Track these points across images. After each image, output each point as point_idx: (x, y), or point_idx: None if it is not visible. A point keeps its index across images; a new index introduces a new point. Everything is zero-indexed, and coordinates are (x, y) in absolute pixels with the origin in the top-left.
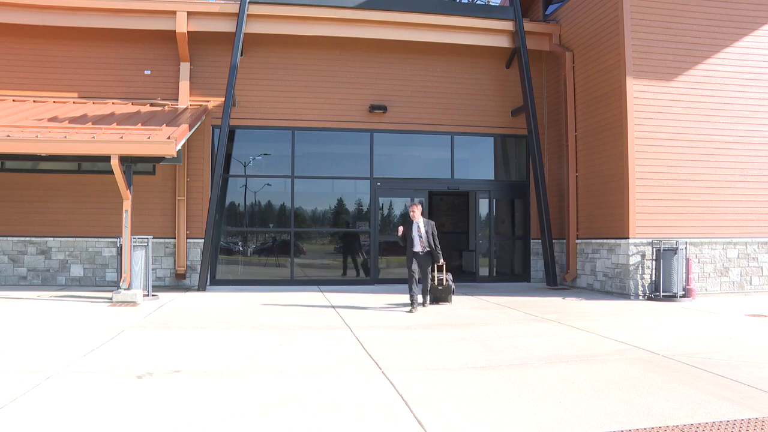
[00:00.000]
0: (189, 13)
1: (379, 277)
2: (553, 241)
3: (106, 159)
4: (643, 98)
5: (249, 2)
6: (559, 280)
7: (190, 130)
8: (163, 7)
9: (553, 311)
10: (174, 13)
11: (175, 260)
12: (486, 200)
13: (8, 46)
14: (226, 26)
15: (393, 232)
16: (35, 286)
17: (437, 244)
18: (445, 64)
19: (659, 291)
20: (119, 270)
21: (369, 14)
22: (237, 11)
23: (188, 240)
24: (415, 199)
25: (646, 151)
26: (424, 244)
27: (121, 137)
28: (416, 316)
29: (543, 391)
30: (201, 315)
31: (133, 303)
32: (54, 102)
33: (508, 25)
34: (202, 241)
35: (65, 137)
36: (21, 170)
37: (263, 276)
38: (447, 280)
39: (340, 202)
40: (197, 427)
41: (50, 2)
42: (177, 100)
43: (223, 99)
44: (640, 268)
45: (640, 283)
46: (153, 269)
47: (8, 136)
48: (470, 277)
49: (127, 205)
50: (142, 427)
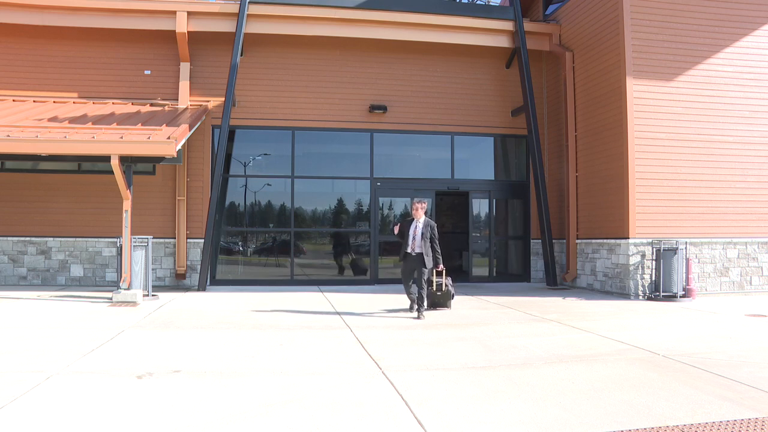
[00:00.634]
0: (189, 13)
1: (378, 277)
2: (553, 241)
3: (106, 159)
4: (643, 98)
5: (249, 2)
6: (559, 280)
7: (190, 130)
8: (163, 7)
9: (553, 311)
10: (174, 13)
11: (175, 260)
12: (480, 200)
13: (8, 46)
14: (226, 26)
15: (392, 230)
16: (35, 286)
17: (437, 248)
18: (445, 64)
19: (659, 291)
20: (119, 270)
21: (369, 14)
22: (237, 11)
23: (188, 240)
24: (420, 198)
25: (646, 151)
26: (415, 246)
27: (121, 137)
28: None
29: (543, 391)
30: (201, 315)
31: (133, 303)
32: (54, 102)
33: (508, 25)
34: (202, 241)
35: (65, 137)
36: (21, 170)
37: (263, 276)
38: (446, 285)
39: (340, 202)
40: (197, 427)
41: (50, 2)
42: (177, 100)
43: (223, 99)
44: (640, 268)
45: (640, 283)
46: (153, 269)
47: (8, 136)
48: (465, 277)
49: (127, 205)
50: (142, 427)
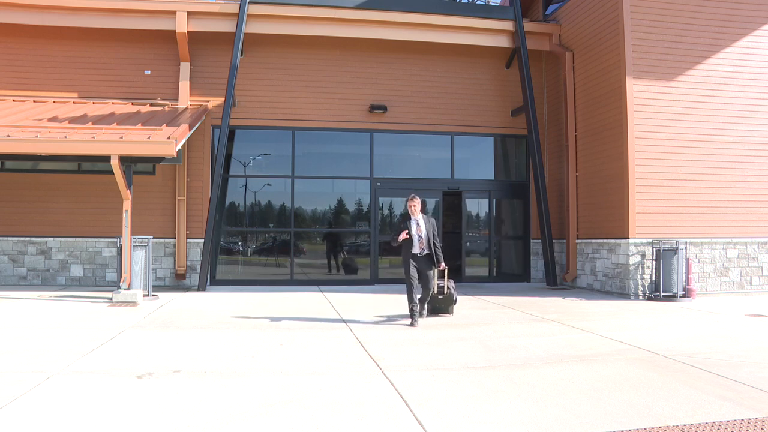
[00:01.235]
0: (189, 13)
1: (379, 277)
2: (553, 241)
3: (106, 159)
4: (643, 98)
5: (249, 2)
6: (559, 280)
7: (190, 130)
8: (163, 7)
9: (553, 311)
10: (174, 13)
11: (175, 260)
12: (476, 200)
13: (8, 46)
14: (226, 26)
15: (394, 235)
16: (35, 286)
17: (438, 245)
18: (445, 64)
19: (659, 291)
20: (119, 270)
21: (369, 14)
22: (237, 11)
23: (188, 240)
24: (413, 194)
25: (646, 151)
26: (423, 245)
27: (121, 137)
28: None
29: (543, 391)
30: (201, 315)
31: (133, 303)
32: (54, 102)
33: (508, 25)
34: (202, 241)
35: (65, 137)
36: (21, 170)
37: (263, 276)
38: (448, 287)
39: (340, 202)
40: (197, 427)
41: (50, 2)
42: (177, 100)
43: (223, 99)
44: (640, 268)
45: (640, 283)
46: (153, 269)
47: (8, 136)
48: (459, 277)
49: (127, 205)
50: (142, 427)
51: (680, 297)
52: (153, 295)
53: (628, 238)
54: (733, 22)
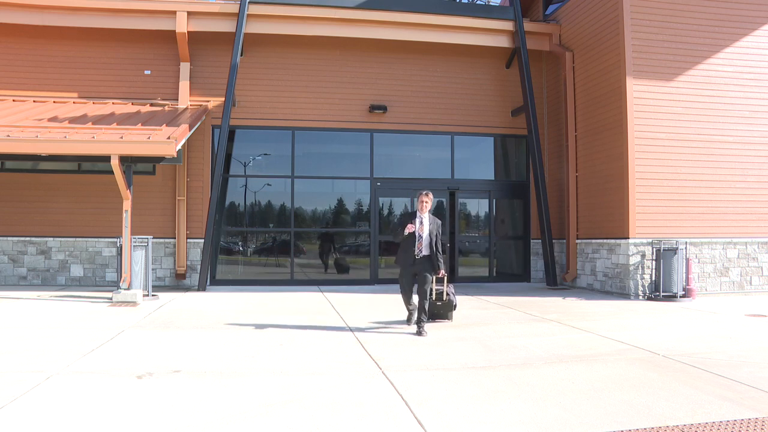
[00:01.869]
0: (189, 13)
1: (379, 277)
2: (553, 241)
3: (106, 159)
4: (643, 98)
5: (249, 2)
6: (559, 280)
7: (190, 130)
8: (163, 7)
9: (553, 311)
10: (174, 13)
11: (175, 260)
12: (471, 200)
13: (8, 46)
14: (226, 26)
15: (399, 228)
16: (35, 286)
17: (440, 249)
18: (445, 64)
19: (659, 291)
20: (119, 270)
21: (369, 14)
22: (237, 11)
23: (188, 240)
24: (427, 190)
25: (646, 151)
26: (423, 246)
27: (121, 137)
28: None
29: (543, 391)
30: (201, 315)
31: (133, 303)
32: (54, 102)
33: (508, 25)
34: (202, 241)
35: (65, 137)
36: (21, 170)
37: (263, 276)
38: (448, 293)
39: (340, 202)
40: (197, 427)
41: (50, 2)
42: (177, 100)
43: (223, 99)
44: (640, 268)
45: (640, 283)
46: (153, 269)
47: (8, 136)
48: (452, 276)
49: (127, 205)
50: (142, 427)
51: (680, 297)
52: (153, 295)
53: (628, 238)
54: (733, 22)
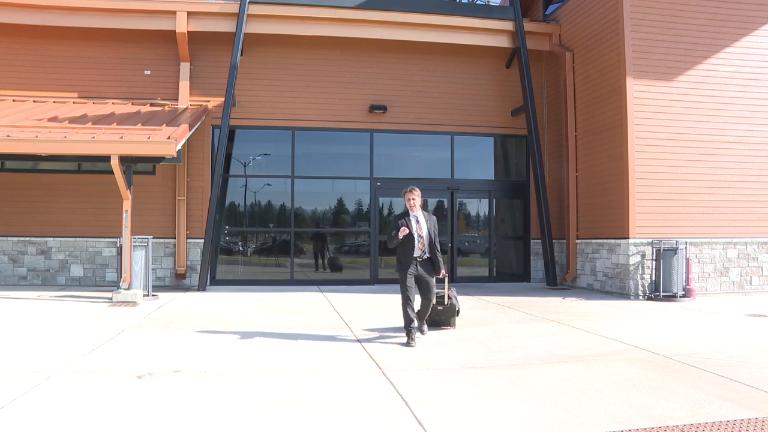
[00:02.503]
0: (189, 13)
1: (379, 277)
2: (553, 241)
3: (106, 159)
4: (643, 98)
5: (249, 2)
6: (559, 280)
7: (190, 130)
8: (163, 7)
9: (553, 311)
10: (174, 13)
11: (175, 260)
12: (473, 200)
13: (8, 46)
14: (226, 26)
15: (393, 232)
16: (35, 286)
17: (439, 248)
18: (445, 64)
19: (659, 291)
20: (119, 270)
21: (369, 14)
22: (237, 11)
23: (188, 240)
24: (412, 186)
25: (646, 151)
26: (424, 247)
27: (121, 137)
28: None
29: (543, 391)
30: (201, 315)
31: (133, 303)
32: (54, 102)
33: (508, 25)
34: (202, 241)
35: (65, 137)
36: (21, 170)
37: (263, 276)
38: (449, 297)
39: (340, 202)
40: (197, 427)
41: (50, 2)
42: (177, 100)
43: (223, 99)
44: (640, 268)
45: (640, 283)
46: (153, 269)
47: (8, 136)
48: (453, 278)
49: (127, 205)
50: (142, 428)
51: (680, 297)
52: (153, 295)
53: (628, 238)
54: (733, 22)
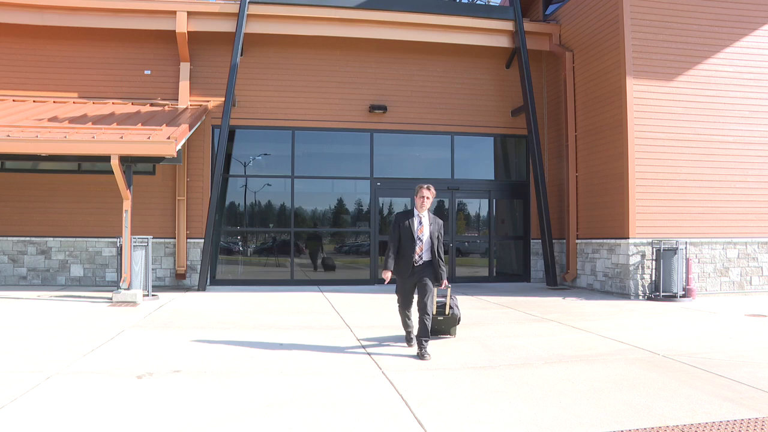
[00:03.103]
0: (189, 13)
1: (378, 277)
2: (553, 241)
3: (106, 159)
4: (643, 98)
5: (249, 2)
6: (559, 280)
7: (190, 130)
8: (163, 7)
9: (553, 311)
10: (174, 13)
11: (175, 260)
12: (474, 200)
13: (8, 46)
14: (226, 26)
15: (394, 230)
16: (35, 286)
17: (442, 254)
18: (445, 64)
19: (659, 291)
20: (119, 270)
21: (369, 14)
22: (237, 11)
23: (188, 240)
24: (429, 183)
25: (646, 151)
26: (423, 251)
27: (121, 137)
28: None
29: (543, 391)
30: (201, 315)
31: (133, 303)
32: (54, 102)
33: (508, 25)
34: (202, 241)
35: (65, 137)
36: (21, 170)
37: (263, 276)
38: (451, 306)
39: (340, 202)
40: (197, 427)
41: (50, 2)
42: (177, 100)
43: (223, 99)
44: (640, 268)
45: (640, 283)
46: (153, 269)
47: (8, 136)
48: (451, 279)
49: (127, 205)
50: (142, 428)
51: (680, 297)
52: (153, 295)
53: (628, 238)
54: (733, 22)
